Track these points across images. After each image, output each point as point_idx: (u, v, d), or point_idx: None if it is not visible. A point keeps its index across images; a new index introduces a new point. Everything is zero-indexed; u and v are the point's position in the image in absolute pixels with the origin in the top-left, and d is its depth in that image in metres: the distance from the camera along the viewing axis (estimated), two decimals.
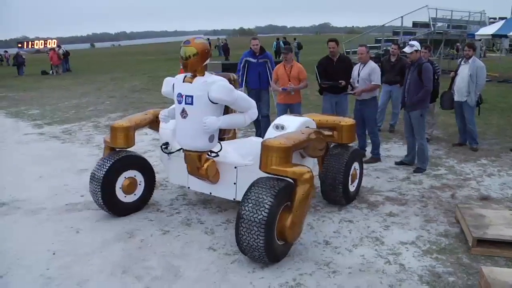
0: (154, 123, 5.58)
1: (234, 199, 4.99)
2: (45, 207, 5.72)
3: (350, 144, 5.67)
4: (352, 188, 5.60)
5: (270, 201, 3.89)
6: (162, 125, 5.40)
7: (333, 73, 7.31)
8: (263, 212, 3.87)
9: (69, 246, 4.65)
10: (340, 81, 7.19)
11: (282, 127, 4.84)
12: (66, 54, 29.89)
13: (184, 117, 4.57)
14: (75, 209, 5.60)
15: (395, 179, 6.50)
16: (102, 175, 5.03)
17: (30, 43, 54.90)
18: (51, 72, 28.05)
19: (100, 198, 5.09)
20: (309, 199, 4.21)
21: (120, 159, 5.21)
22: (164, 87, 4.90)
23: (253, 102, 4.84)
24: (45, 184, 6.58)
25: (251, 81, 8.24)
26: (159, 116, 5.00)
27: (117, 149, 5.36)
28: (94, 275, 4.08)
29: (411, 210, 5.37)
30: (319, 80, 7.49)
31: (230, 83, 4.73)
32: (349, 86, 7.32)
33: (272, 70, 7.93)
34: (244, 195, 4.07)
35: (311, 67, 8.18)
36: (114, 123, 5.38)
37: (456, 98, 7.87)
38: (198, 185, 5.24)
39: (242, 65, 8.26)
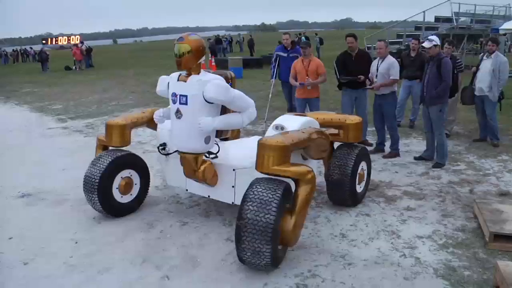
0: (152, 122, 5.17)
1: (232, 202, 4.76)
2: (68, 198, 5.89)
3: (359, 143, 5.45)
4: (359, 189, 5.38)
5: (268, 248, 3.69)
6: (159, 124, 5.13)
7: (352, 68, 7.32)
8: (265, 259, 3.75)
9: (91, 236, 4.80)
10: (359, 76, 7.20)
11: (282, 128, 4.56)
12: (89, 50, 30.46)
13: (179, 118, 4.34)
14: None
15: (414, 174, 6.48)
16: (99, 176, 4.91)
17: (54, 39, 55.59)
18: (74, 67, 28.60)
19: (97, 201, 4.95)
20: (310, 200, 4.12)
21: (118, 158, 5.08)
22: (158, 86, 4.67)
23: (251, 102, 4.55)
24: (69, 176, 6.73)
25: (282, 75, 8.75)
26: (154, 116, 4.71)
27: (111, 148, 5.25)
28: (115, 264, 4.22)
29: (428, 205, 5.37)
30: (337, 75, 7.50)
31: (227, 81, 4.60)
32: (367, 80, 7.31)
33: None
34: (237, 238, 3.80)
35: (331, 62, 8.19)
36: (109, 120, 5.27)
37: (477, 93, 7.79)
38: (196, 188, 5.03)
39: (274, 58, 8.93)
